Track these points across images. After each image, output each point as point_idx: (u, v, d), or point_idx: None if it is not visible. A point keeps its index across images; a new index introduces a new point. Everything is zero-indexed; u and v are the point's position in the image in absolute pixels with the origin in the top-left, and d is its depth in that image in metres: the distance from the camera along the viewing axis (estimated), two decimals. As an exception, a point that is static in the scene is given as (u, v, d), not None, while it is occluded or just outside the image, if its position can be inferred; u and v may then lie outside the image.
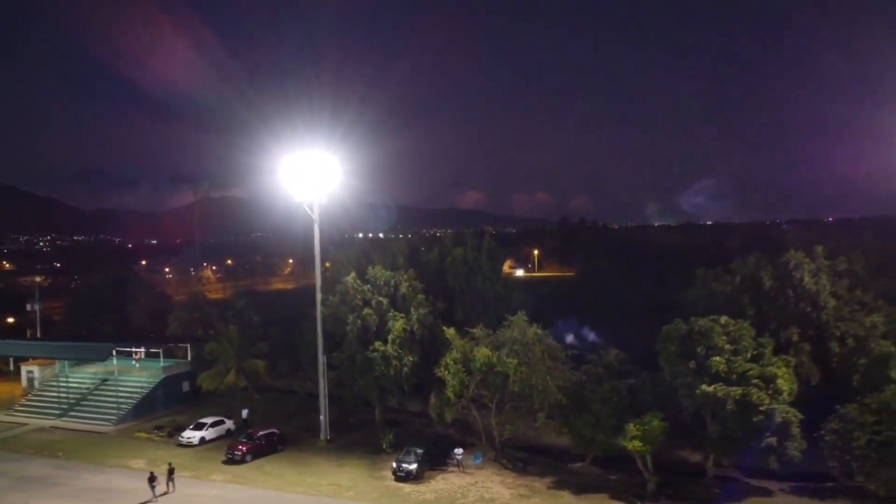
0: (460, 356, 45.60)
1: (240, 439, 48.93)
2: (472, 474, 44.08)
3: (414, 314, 50.31)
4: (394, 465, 44.09)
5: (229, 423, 53.94)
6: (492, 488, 41.68)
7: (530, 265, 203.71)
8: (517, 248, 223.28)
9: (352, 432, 53.26)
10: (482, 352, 44.52)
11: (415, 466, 43.16)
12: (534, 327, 45.66)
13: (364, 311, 50.24)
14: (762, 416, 37.33)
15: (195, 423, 53.09)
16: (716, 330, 39.99)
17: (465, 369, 45.27)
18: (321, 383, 52.40)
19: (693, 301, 49.06)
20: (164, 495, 40.91)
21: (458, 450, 45.85)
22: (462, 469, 44.70)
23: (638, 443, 39.15)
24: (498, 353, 44.41)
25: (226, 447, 48.38)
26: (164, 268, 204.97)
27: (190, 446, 50.60)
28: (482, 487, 41.85)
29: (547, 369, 43.86)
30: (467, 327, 48.61)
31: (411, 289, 51.71)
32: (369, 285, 51.78)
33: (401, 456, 44.41)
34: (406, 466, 43.26)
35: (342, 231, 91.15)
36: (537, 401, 43.74)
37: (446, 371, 45.42)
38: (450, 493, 41.14)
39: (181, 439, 51.40)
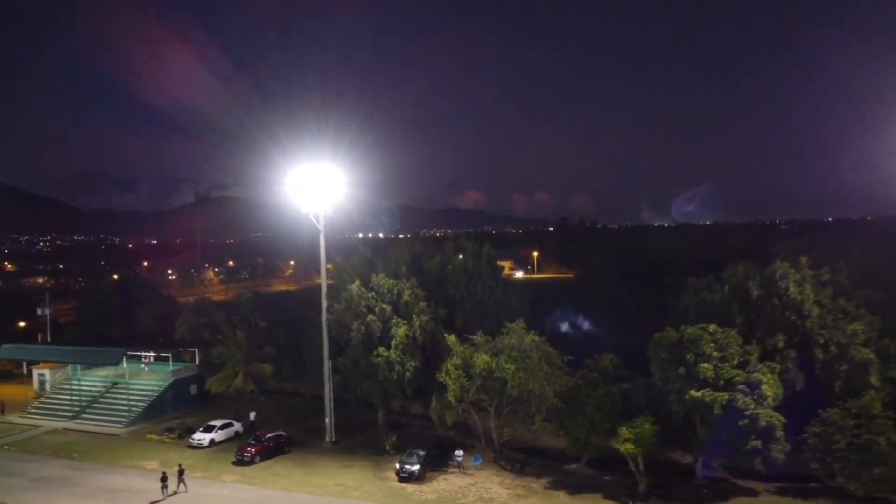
0: (461, 362, 47.31)
1: (248, 441, 50.58)
2: (472, 475, 45.77)
3: (416, 321, 52.04)
4: (397, 466, 45.72)
5: (238, 426, 55.66)
6: (491, 488, 43.41)
7: (529, 267, 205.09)
8: (517, 248, 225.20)
9: (356, 434, 54.90)
10: (482, 358, 46.22)
11: (417, 467, 44.80)
12: (531, 334, 47.37)
13: (368, 318, 51.96)
14: (747, 421, 39.12)
15: (205, 425, 54.75)
16: (704, 338, 41.73)
17: (465, 374, 46.94)
18: (326, 387, 54.07)
19: (685, 308, 50.86)
20: (176, 494, 42.72)
21: (459, 451, 47.51)
22: (462, 470, 46.35)
23: (630, 445, 40.90)
24: (497, 359, 46.07)
25: (235, 449, 50.09)
26: (167, 269, 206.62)
27: (200, 448, 52.26)
28: (482, 488, 43.56)
29: (544, 375, 45.54)
30: (467, 333, 50.42)
31: (413, 296, 53.39)
32: (373, 293, 53.48)
33: (404, 457, 46.05)
34: (409, 467, 44.91)
35: (344, 232, 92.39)
36: (534, 405, 45.46)
37: (447, 376, 47.10)
38: (451, 493, 42.87)
39: (191, 441, 53.08)
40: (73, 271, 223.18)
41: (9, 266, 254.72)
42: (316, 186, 53.32)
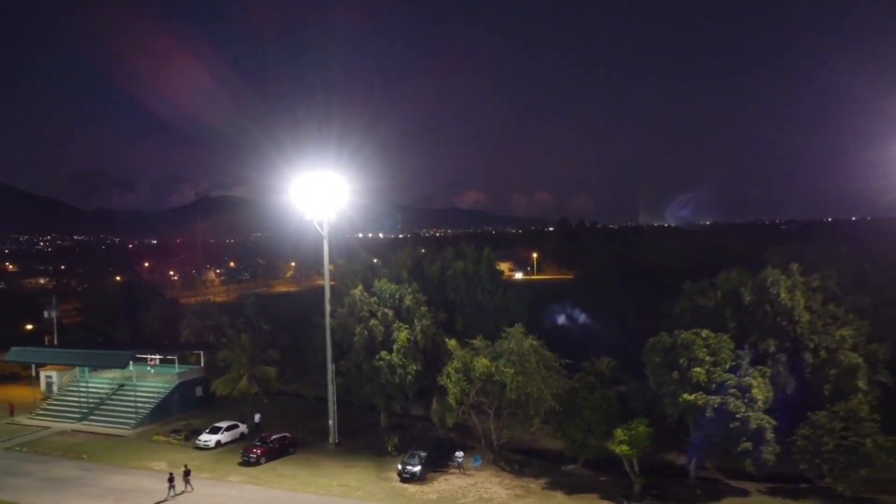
0: (461, 365, 48.40)
1: (254, 443, 51.74)
2: (472, 476, 46.91)
3: (417, 325, 53.26)
4: (399, 467, 46.83)
5: (243, 427, 56.78)
6: (490, 489, 44.58)
7: (529, 267, 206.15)
8: (516, 249, 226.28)
9: (359, 436, 56.02)
10: (481, 362, 47.32)
11: (419, 468, 45.93)
12: (530, 339, 48.43)
13: (371, 322, 53.17)
14: (739, 423, 40.38)
15: (211, 427, 55.78)
16: (697, 343, 43.00)
17: (465, 378, 48.03)
18: (330, 390, 55.12)
19: (680, 313, 52.16)
20: (183, 494, 43.93)
21: (459, 453, 48.64)
22: (463, 471, 47.48)
23: (625, 447, 42.17)
24: (496, 363, 47.11)
25: (240, 450, 51.24)
26: (168, 270, 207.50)
27: (206, 449, 53.31)
28: (481, 488, 44.72)
29: (542, 378, 46.62)
30: (467, 337, 51.50)
31: (415, 301, 54.57)
32: (375, 297, 54.68)
33: (405, 458, 47.17)
34: (410, 468, 46.04)
35: (344, 233, 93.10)
36: (533, 407, 46.54)
37: (448, 379, 48.21)
38: (451, 493, 44.04)
39: (198, 442, 54.15)
40: (73, 272, 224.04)
41: (10, 266, 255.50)
42: (320, 194, 54.35)
